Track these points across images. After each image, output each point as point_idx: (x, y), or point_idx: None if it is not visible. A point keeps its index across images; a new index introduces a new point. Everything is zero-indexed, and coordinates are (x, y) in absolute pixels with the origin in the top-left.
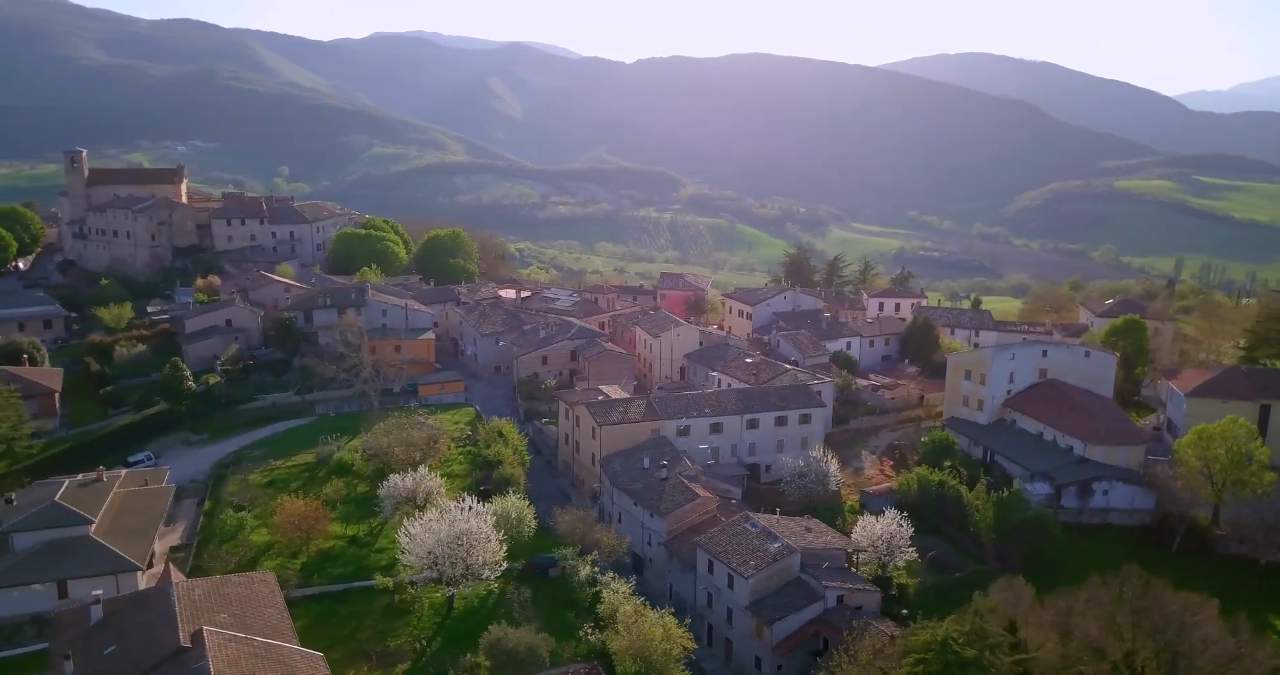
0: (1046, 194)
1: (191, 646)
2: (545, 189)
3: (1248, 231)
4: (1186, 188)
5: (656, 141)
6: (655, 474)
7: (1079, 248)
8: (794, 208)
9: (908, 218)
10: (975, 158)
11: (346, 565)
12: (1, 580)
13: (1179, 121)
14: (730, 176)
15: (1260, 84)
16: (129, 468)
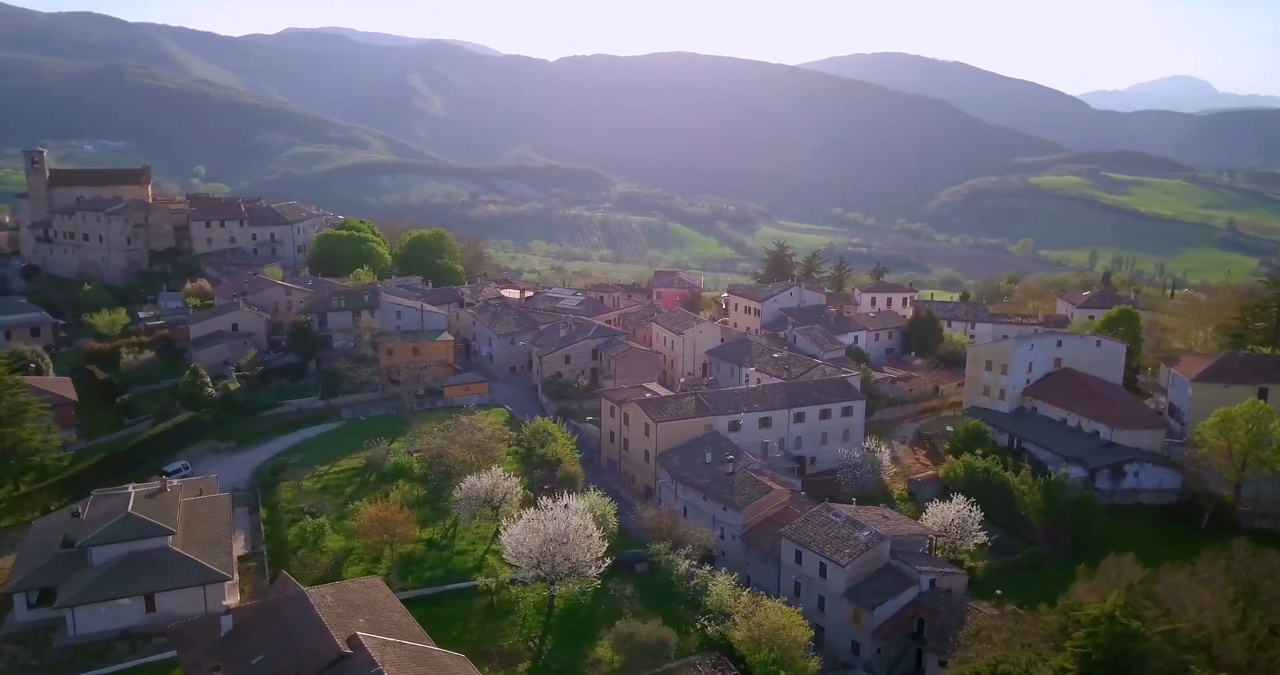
0: (965, 190)
1: (352, 652)
2: (474, 188)
3: (1154, 225)
4: (1096, 183)
5: (582, 139)
6: (721, 468)
7: (998, 242)
8: (723, 206)
9: (832, 215)
10: (895, 155)
11: (433, 568)
12: (87, 596)
13: (1083, 120)
14: (658, 175)
15: (1156, 84)
16: (166, 477)
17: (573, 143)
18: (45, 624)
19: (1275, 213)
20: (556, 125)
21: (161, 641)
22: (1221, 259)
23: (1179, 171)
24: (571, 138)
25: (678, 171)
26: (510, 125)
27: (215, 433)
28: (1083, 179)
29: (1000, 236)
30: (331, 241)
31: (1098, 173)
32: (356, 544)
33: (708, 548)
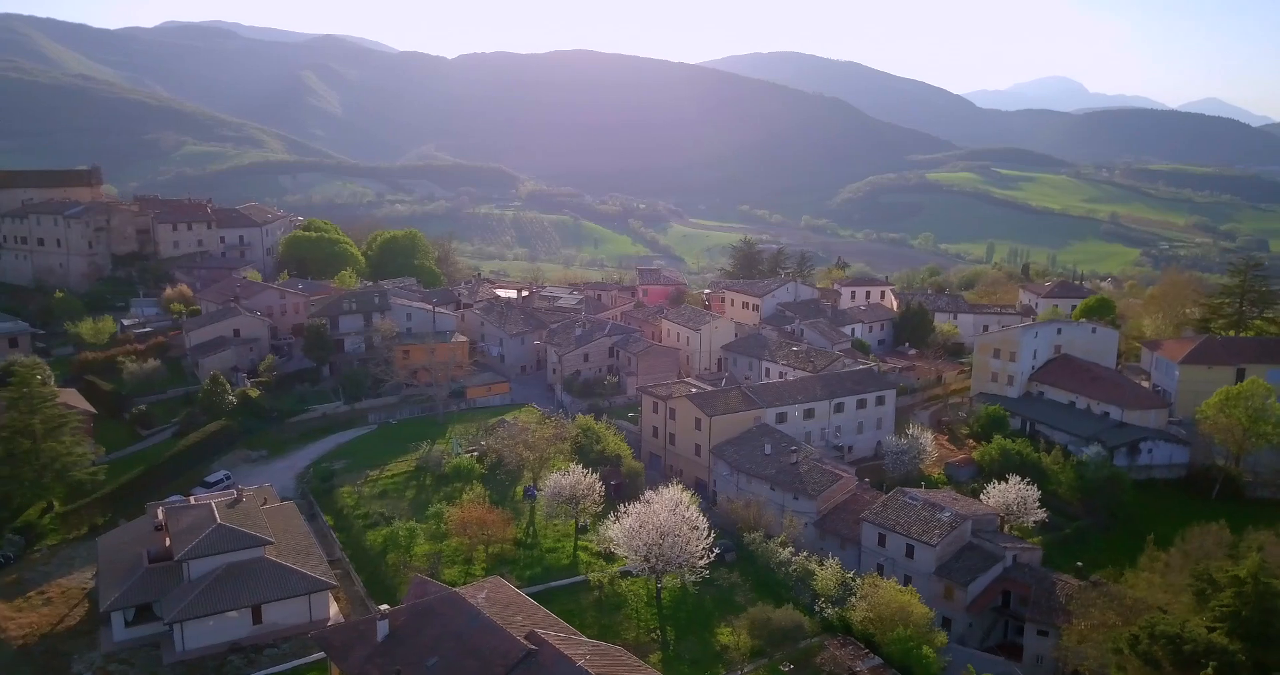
0: (865, 187)
1: (537, 648)
2: (379, 187)
3: (1043, 219)
4: (988, 179)
5: (487, 137)
6: (785, 459)
7: (899, 236)
8: (634, 204)
9: (739, 212)
10: (797, 153)
11: (530, 566)
12: (196, 610)
13: (969, 118)
14: (566, 173)
15: (1034, 84)
16: (208, 488)
17: (477, 141)
18: (145, 641)
19: (1151, 206)
20: (460, 123)
21: (274, 652)
22: (1106, 250)
23: (1062, 167)
24: (476, 136)
25: (585, 169)
26: (411, 123)
27: (245, 441)
28: (975, 175)
29: (901, 231)
30: (301, 243)
31: (989, 169)
32: (443, 546)
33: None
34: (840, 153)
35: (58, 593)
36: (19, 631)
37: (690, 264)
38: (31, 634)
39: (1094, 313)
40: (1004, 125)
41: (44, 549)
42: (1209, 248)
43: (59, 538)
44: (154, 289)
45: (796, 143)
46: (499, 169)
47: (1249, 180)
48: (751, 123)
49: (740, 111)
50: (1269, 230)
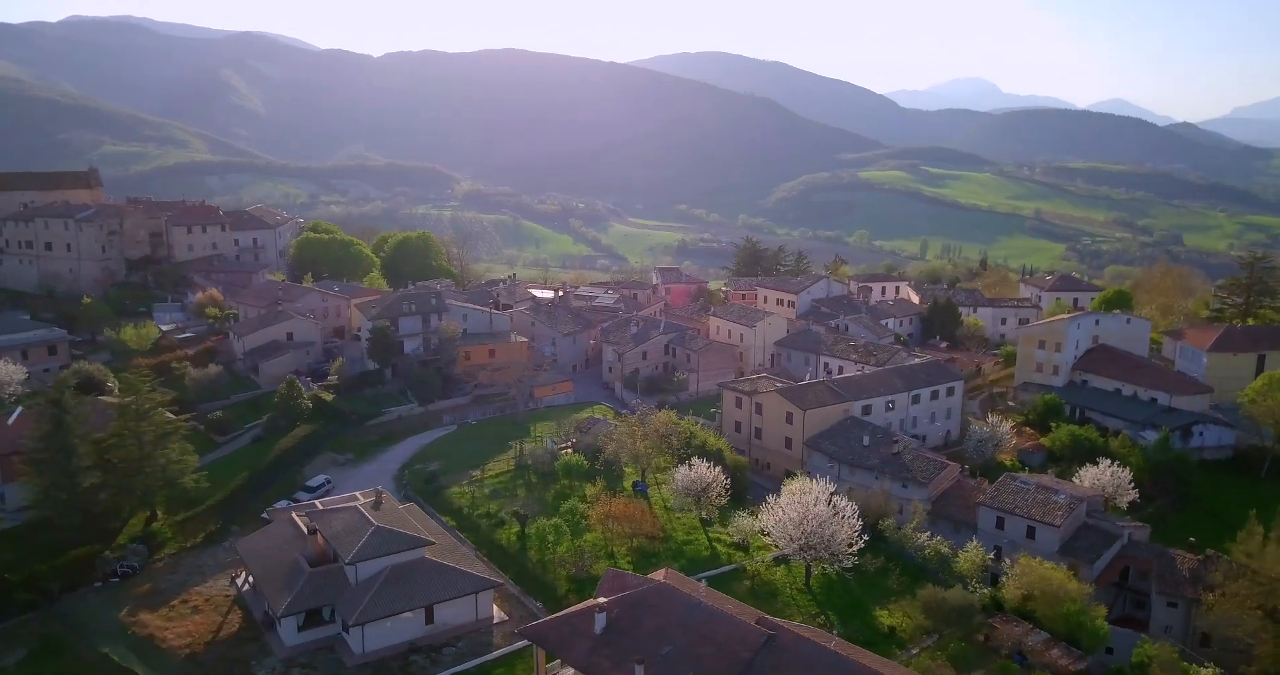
0: (800, 186)
1: (774, 633)
2: (311, 188)
3: (973, 215)
4: (917, 178)
5: (418, 137)
6: (886, 449)
7: (835, 234)
8: (574, 203)
9: (676, 211)
10: (729, 152)
11: (673, 558)
12: (375, 612)
13: (892, 117)
14: (501, 172)
15: (951, 84)
16: (310, 492)
17: (408, 140)
18: (317, 645)
19: (1072, 203)
20: (389, 123)
21: (451, 651)
22: (1033, 245)
23: (986, 166)
24: (407, 135)
25: (520, 169)
26: (339, 122)
27: (328, 445)
28: (905, 174)
29: (835, 229)
30: (313, 246)
31: (917, 168)
32: (582, 541)
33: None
34: (772, 152)
35: (201, 600)
36: (179, 640)
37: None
38: (195, 642)
39: (1112, 304)
40: (926, 125)
41: (166, 558)
42: (1129, 242)
43: (176, 546)
44: (173, 293)
45: (728, 142)
46: (434, 169)
47: (1160, 178)
48: (684, 122)
49: (672, 111)
50: (1183, 225)
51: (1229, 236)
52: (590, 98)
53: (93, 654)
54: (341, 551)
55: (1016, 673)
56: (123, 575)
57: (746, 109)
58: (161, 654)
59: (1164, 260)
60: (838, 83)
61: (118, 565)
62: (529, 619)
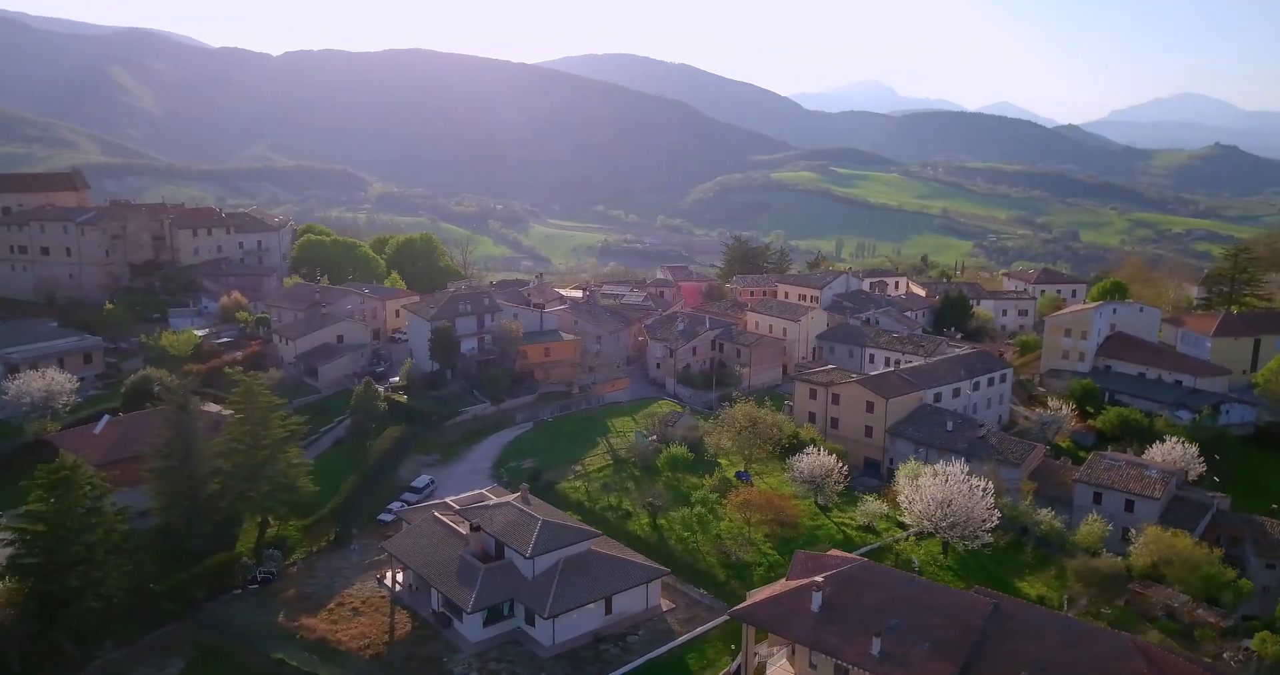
0: (715, 187)
1: (998, 603)
2: (217, 191)
3: (882, 215)
4: (827, 178)
5: (324, 139)
6: (971, 433)
7: (752, 234)
8: (491, 205)
9: (594, 212)
10: (642, 153)
11: (810, 542)
12: (565, 604)
13: (798, 119)
14: (412, 174)
15: (851, 87)
16: (417, 493)
17: (314, 142)
18: (501, 638)
19: (974, 202)
20: (292, 124)
21: (635, 640)
22: (942, 243)
23: (892, 166)
24: (311, 137)
25: (431, 170)
26: (238, 123)
27: (416, 446)
28: (815, 174)
29: (752, 229)
30: (316, 248)
31: (827, 168)
32: (719, 529)
33: None
34: (684, 154)
35: (358, 603)
36: (355, 642)
37: (558, 264)
38: (373, 643)
39: (1109, 294)
40: (830, 126)
41: (299, 563)
42: (1031, 239)
43: (304, 551)
44: (183, 298)
45: (641, 143)
46: (345, 171)
47: (1053, 177)
48: (595, 123)
49: (583, 112)
50: (1078, 222)
51: (1120, 233)
52: (499, 99)
53: (261, 660)
54: (517, 546)
55: (1175, 631)
56: (262, 581)
57: (657, 111)
58: (341, 656)
59: (1135, 257)
60: (744, 85)
61: (257, 571)
62: (694, 606)
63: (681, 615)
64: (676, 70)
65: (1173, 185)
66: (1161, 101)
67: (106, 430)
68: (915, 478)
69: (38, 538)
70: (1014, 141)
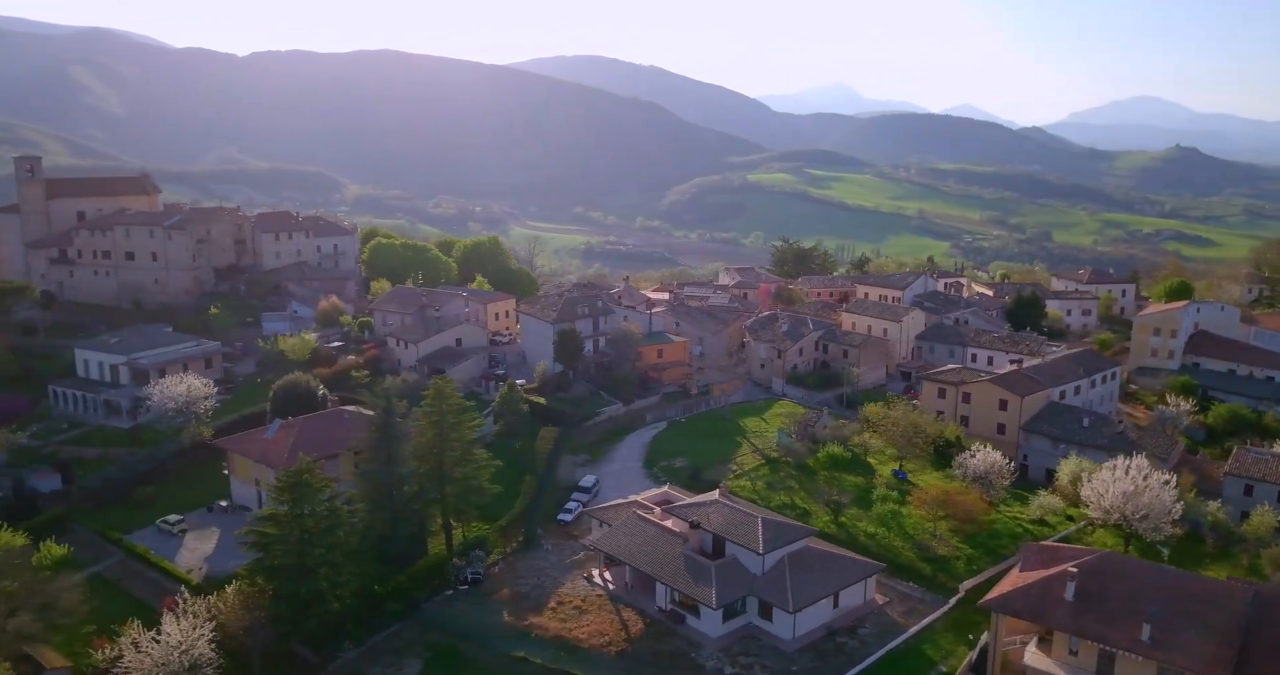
0: (692, 188)
1: (1258, 589)
2: (191, 193)
3: (858, 215)
4: (803, 180)
5: (294, 140)
6: (1109, 429)
7: (731, 235)
8: (470, 207)
9: (572, 214)
10: (618, 155)
11: (993, 536)
12: (806, 598)
13: (767, 121)
14: (385, 176)
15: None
16: (585, 493)
17: (285, 143)
18: (739, 633)
19: (948, 202)
20: (261, 125)
21: (866, 632)
22: (919, 243)
23: (866, 168)
24: (283, 138)
25: (404, 172)
26: (205, 124)
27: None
28: (790, 176)
29: (730, 230)
30: (387, 251)
31: (801, 170)
32: (907, 524)
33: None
34: (659, 155)
35: (578, 600)
36: (593, 639)
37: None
38: (612, 640)
39: (1176, 294)
40: (799, 128)
41: (498, 562)
42: (1006, 239)
43: (500, 551)
44: (267, 301)
45: (614, 145)
46: (320, 173)
47: (1023, 178)
48: (568, 124)
49: (556, 113)
50: (1050, 222)
51: (1092, 233)
52: (470, 100)
53: (500, 659)
54: (744, 542)
55: None
56: (471, 581)
57: (630, 112)
58: (584, 653)
59: (1173, 258)
60: (713, 87)
61: (468, 572)
62: (906, 599)
63: (898, 608)
64: (646, 72)
65: (1136, 186)
66: (1119, 103)
67: (280, 435)
68: (1083, 473)
69: (278, 540)
70: (980, 143)
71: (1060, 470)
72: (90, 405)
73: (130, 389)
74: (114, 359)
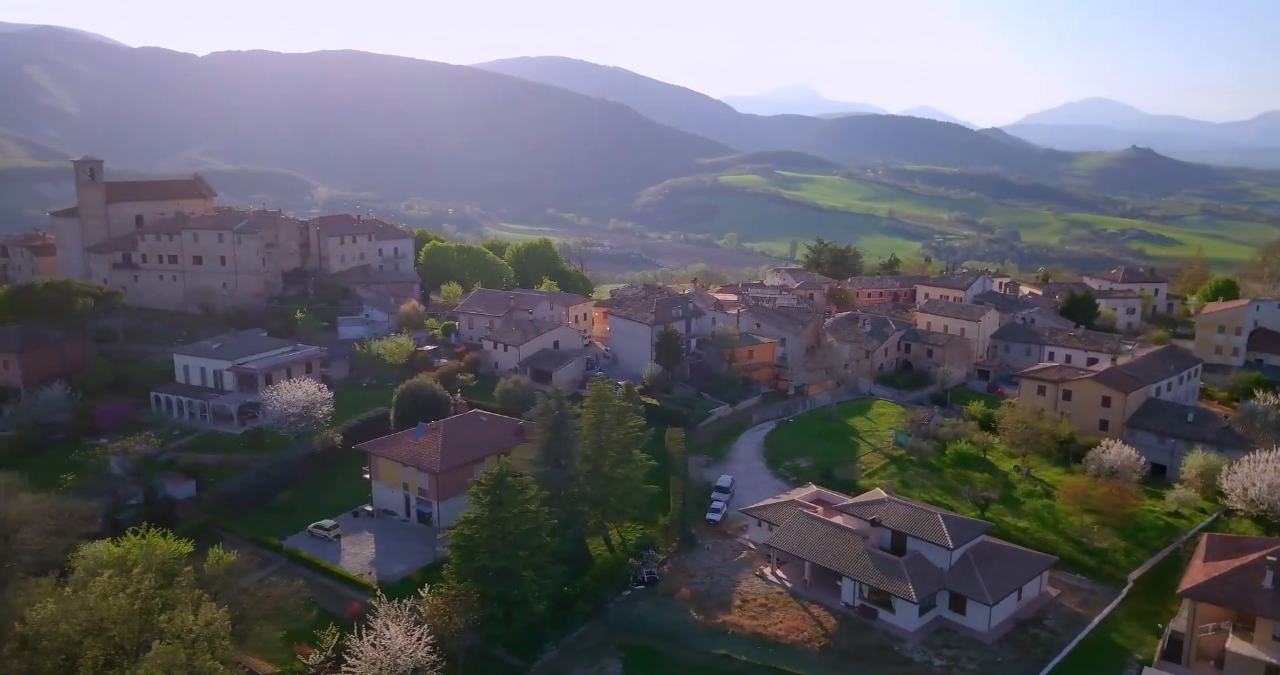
0: (664, 190)
1: None
2: None
3: (830, 216)
4: (773, 181)
5: (260, 141)
6: (1216, 424)
7: (705, 237)
8: (443, 208)
9: (544, 215)
10: (587, 155)
11: (1147, 526)
12: (1000, 592)
13: (732, 122)
14: (353, 178)
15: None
16: (724, 492)
17: (250, 144)
18: (933, 627)
19: (916, 203)
20: (225, 125)
21: (1051, 623)
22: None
23: (834, 169)
24: (247, 140)
25: (375, 173)
26: (166, 125)
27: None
28: (761, 177)
29: (704, 232)
30: (444, 254)
31: (771, 171)
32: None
33: None
34: (628, 156)
35: (761, 597)
36: (791, 635)
37: None
38: (812, 636)
39: (1221, 292)
40: (764, 129)
41: (666, 562)
42: (976, 239)
43: (664, 551)
44: (340, 305)
45: (583, 146)
46: (290, 174)
47: (988, 179)
48: (539, 126)
49: (524, 114)
50: (1017, 222)
51: (1058, 232)
52: (437, 100)
53: (700, 656)
54: (930, 538)
55: None
56: (648, 581)
57: (598, 113)
58: (787, 649)
59: (1199, 258)
60: (677, 88)
61: (644, 572)
62: (1077, 590)
63: (1071, 600)
64: (610, 73)
65: (1095, 186)
66: (1074, 105)
67: (426, 438)
68: (1212, 468)
69: (483, 543)
70: (942, 144)
71: (1186, 465)
72: (197, 411)
73: (239, 395)
74: (217, 364)
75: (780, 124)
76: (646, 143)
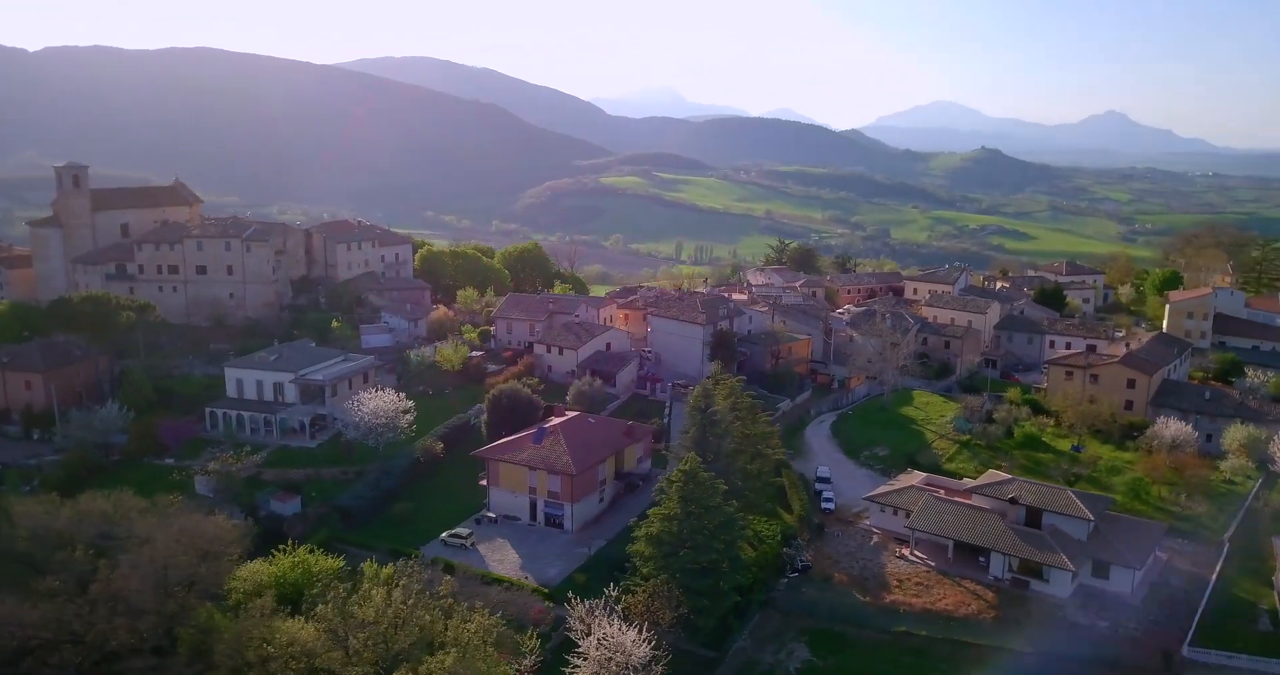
0: (546, 192)
1: None
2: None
3: (710, 217)
4: (653, 183)
5: (104, 143)
6: (1231, 401)
7: (591, 238)
8: (317, 213)
9: (423, 218)
10: (462, 158)
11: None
12: (1140, 558)
13: (603, 124)
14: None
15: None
16: (826, 483)
17: (94, 146)
18: (1081, 593)
19: (791, 203)
20: (65, 126)
21: (1176, 582)
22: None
23: (710, 171)
24: (91, 142)
25: (237, 178)
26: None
27: None
28: (640, 179)
29: (589, 233)
30: (440, 259)
31: (650, 173)
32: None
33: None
34: (505, 158)
35: (915, 577)
36: (960, 609)
37: None
38: (980, 608)
39: (1169, 283)
40: (634, 131)
41: (810, 550)
42: (851, 238)
43: (802, 540)
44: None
45: (459, 147)
46: (147, 179)
47: (854, 178)
48: (409, 127)
49: (394, 116)
50: (887, 220)
51: (924, 229)
52: (301, 101)
53: (881, 635)
54: (1069, 512)
55: None
56: (802, 569)
57: (472, 115)
58: (962, 622)
59: (1124, 254)
60: (547, 89)
61: (799, 560)
62: (1179, 554)
63: (1182, 561)
64: (478, 74)
65: (950, 185)
66: (921, 108)
67: (548, 441)
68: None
69: (687, 537)
70: (806, 145)
71: (1227, 437)
72: (260, 425)
73: (305, 407)
74: (279, 377)
75: (651, 126)
76: (523, 144)
